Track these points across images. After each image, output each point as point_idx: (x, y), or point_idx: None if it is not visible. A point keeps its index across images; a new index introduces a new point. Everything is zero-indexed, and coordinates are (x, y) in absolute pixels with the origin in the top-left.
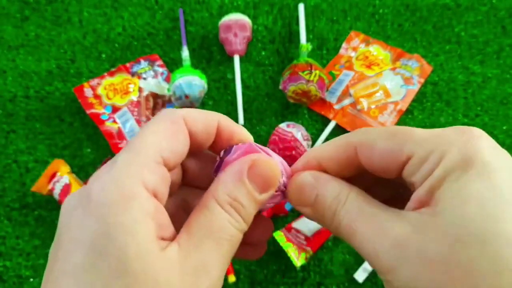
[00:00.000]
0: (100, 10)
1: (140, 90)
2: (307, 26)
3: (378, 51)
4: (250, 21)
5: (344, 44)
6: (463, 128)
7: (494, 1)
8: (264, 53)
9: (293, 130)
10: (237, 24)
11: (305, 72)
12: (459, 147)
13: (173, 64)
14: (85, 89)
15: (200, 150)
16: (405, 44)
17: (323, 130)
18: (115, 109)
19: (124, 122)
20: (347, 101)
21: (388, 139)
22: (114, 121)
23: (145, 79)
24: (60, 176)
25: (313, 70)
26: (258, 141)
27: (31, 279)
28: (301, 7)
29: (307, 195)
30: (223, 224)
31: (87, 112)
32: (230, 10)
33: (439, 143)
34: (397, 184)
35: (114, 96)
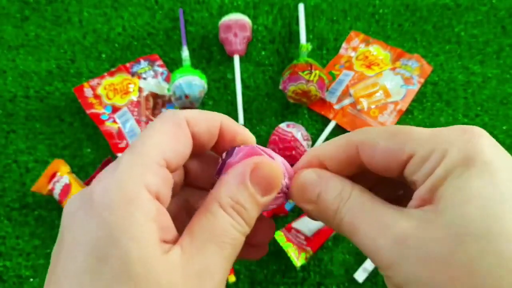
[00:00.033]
0: (100, 10)
1: (140, 90)
2: (307, 26)
3: (378, 51)
4: (250, 21)
5: (344, 44)
6: (465, 127)
7: (494, 1)
8: (264, 53)
9: (293, 130)
10: (237, 24)
11: (305, 72)
12: (460, 146)
13: (173, 64)
14: (85, 89)
15: (203, 151)
16: (405, 44)
17: (323, 130)
18: (115, 109)
19: (124, 122)
20: (347, 101)
21: (389, 138)
22: (114, 121)
23: (145, 79)
24: (60, 176)
25: (313, 70)
26: (258, 141)
27: (31, 279)
28: (301, 7)
29: (310, 192)
30: (226, 228)
31: (87, 112)
32: (230, 10)
33: (440, 142)
34: (398, 184)
35: (114, 96)
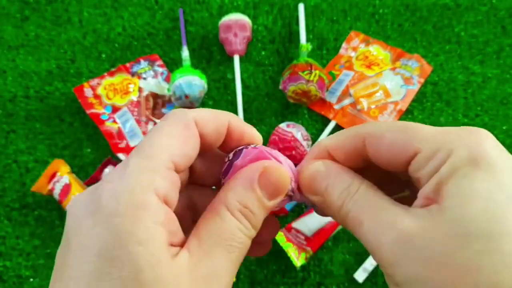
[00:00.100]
0: (100, 10)
1: (140, 90)
2: (307, 26)
3: (378, 51)
4: (250, 21)
5: (344, 44)
6: (471, 128)
7: (494, 1)
8: (264, 53)
9: (293, 130)
10: (237, 24)
11: (305, 72)
12: (466, 146)
13: (173, 64)
14: (85, 89)
15: (209, 150)
16: (405, 44)
17: (323, 130)
18: (115, 109)
19: (124, 122)
20: (347, 101)
21: (396, 133)
22: (114, 121)
23: (145, 79)
24: (60, 176)
25: (313, 70)
26: None
27: (31, 279)
28: (301, 7)
29: (318, 184)
30: (234, 231)
31: (87, 112)
32: (230, 10)
33: (447, 141)
34: (404, 184)
35: (114, 96)
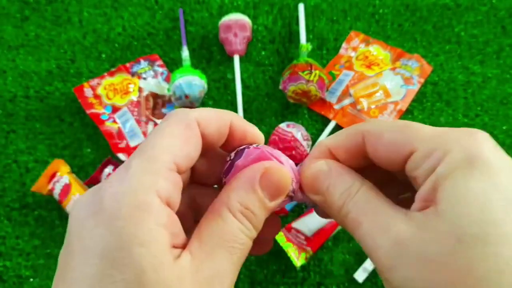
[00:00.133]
0: (100, 10)
1: (140, 90)
2: (307, 26)
3: (378, 51)
4: (250, 21)
5: (344, 44)
6: (469, 129)
7: (494, 1)
8: (264, 53)
9: (293, 130)
10: (237, 24)
11: (305, 72)
12: (463, 147)
13: (173, 64)
14: (85, 89)
15: (211, 150)
16: (405, 44)
17: (323, 130)
18: (115, 109)
19: (124, 122)
20: (347, 101)
21: (395, 131)
22: (114, 121)
23: (145, 79)
24: (60, 176)
25: (313, 70)
26: None
27: (31, 279)
28: (301, 7)
29: (320, 183)
30: (235, 233)
31: (87, 112)
32: (230, 10)
33: (443, 141)
34: (405, 186)
35: (114, 96)
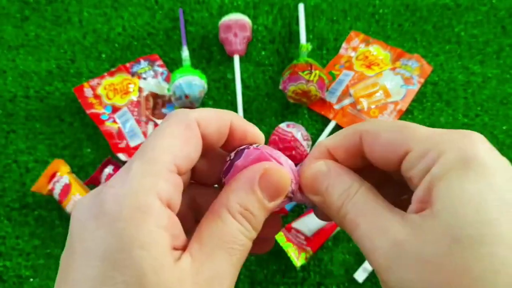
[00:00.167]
0: (100, 10)
1: (140, 90)
2: (307, 26)
3: (378, 51)
4: (250, 21)
5: (344, 44)
6: (465, 131)
7: (494, 1)
8: (264, 53)
9: (293, 130)
10: (237, 24)
11: (305, 72)
12: (458, 148)
13: (173, 64)
14: (85, 89)
15: (211, 150)
16: (405, 44)
17: (323, 130)
18: (115, 109)
19: (124, 122)
20: (347, 101)
21: (392, 131)
22: (114, 121)
23: (145, 79)
24: (60, 176)
25: (313, 70)
26: None
27: (31, 279)
28: (301, 7)
29: (319, 184)
30: (235, 234)
31: (87, 112)
32: (230, 10)
33: (438, 142)
34: (403, 188)
35: (114, 96)
